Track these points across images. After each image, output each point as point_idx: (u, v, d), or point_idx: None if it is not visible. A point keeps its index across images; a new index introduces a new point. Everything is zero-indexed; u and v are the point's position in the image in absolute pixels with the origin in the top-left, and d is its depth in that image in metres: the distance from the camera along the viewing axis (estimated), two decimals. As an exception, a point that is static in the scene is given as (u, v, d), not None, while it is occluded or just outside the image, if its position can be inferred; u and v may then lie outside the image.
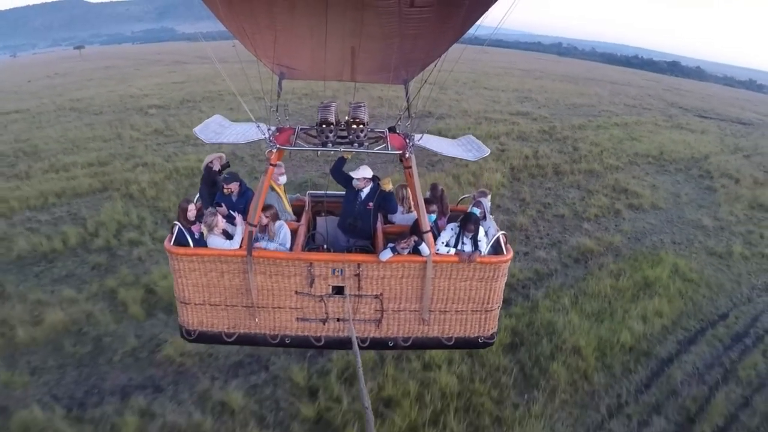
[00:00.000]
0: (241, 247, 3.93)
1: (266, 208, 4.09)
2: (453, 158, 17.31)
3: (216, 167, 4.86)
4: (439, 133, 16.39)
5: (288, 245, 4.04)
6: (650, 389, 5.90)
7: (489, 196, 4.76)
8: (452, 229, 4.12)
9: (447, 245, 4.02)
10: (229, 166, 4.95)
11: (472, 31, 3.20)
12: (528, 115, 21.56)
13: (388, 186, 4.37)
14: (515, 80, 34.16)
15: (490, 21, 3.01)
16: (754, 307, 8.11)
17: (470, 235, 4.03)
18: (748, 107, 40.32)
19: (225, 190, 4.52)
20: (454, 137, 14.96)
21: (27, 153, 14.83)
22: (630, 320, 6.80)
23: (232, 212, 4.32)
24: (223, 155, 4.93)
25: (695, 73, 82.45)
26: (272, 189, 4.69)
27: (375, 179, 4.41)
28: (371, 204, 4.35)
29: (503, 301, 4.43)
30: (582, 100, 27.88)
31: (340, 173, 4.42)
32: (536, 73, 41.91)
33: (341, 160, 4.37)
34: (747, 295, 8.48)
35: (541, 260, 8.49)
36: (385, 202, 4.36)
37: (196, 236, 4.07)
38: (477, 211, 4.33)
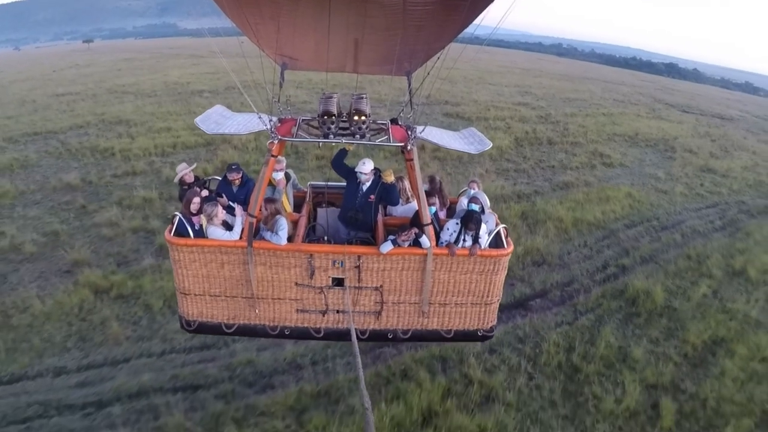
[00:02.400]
0: (241, 238, 4.23)
1: (269, 201, 4.41)
2: (459, 111, 21.94)
3: (189, 180, 5.23)
4: (457, 116, 21.49)
5: (282, 239, 4.25)
6: (603, 241, 10.86)
7: (479, 184, 5.31)
8: (450, 227, 4.48)
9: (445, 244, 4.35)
10: (205, 183, 5.31)
11: (471, 30, 3.48)
12: (528, 105, 26.73)
13: (390, 178, 4.70)
14: (516, 77, 39.57)
15: (489, 21, 3.26)
16: (681, 217, 13.10)
17: (471, 234, 4.35)
18: (734, 106, 45.91)
19: (229, 177, 4.99)
20: (469, 119, 20.54)
21: (113, 122, 19.09)
22: (593, 211, 11.81)
23: (231, 203, 4.66)
24: (191, 166, 5.38)
25: (692, 74, 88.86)
26: (269, 183, 5.00)
27: (376, 171, 4.75)
28: (373, 196, 4.70)
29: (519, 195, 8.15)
30: (576, 95, 33.22)
31: (341, 165, 4.76)
32: (536, 71, 47.49)
33: (343, 152, 4.68)
34: (678, 211, 13.47)
35: (538, 186, 13.53)
36: (387, 194, 4.73)
37: (196, 227, 4.33)
38: (476, 207, 4.61)
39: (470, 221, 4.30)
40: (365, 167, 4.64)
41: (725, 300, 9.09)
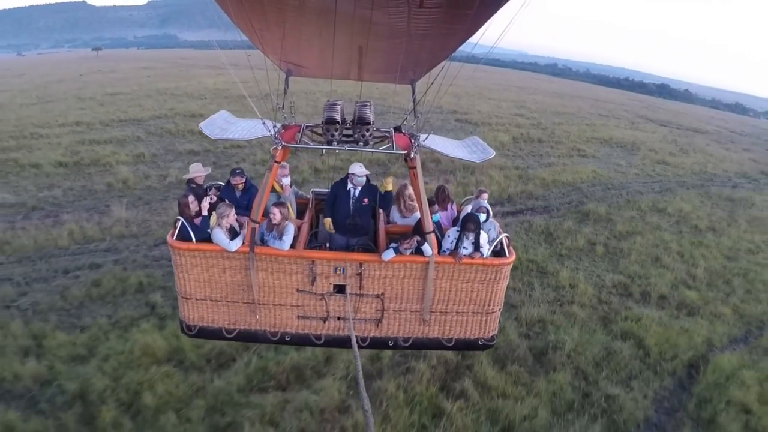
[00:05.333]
0: (243, 243, 4.76)
1: (279, 205, 4.94)
2: (467, 118, 29.81)
3: (199, 181, 5.98)
4: (466, 122, 29.20)
5: (286, 244, 4.81)
6: (572, 191, 18.29)
7: (486, 195, 6.07)
8: (450, 235, 5.08)
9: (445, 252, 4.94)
10: (219, 188, 5.99)
11: (468, 49, 4.02)
12: (523, 116, 34.80)
13: (388, 186, 5.52)
14: (513, 94, 48.19)
15: (487, 40, 3.74)
16: (630, 185, 20.70)
17: (471, 236, 4.91)
18: (714, 123, 54.47)
19: (233, 182, 5.75)
20: (476, 124, 29.51)
21: (187, 116, 25.35)
22: (566, 177, 19.40)
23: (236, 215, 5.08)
24: (205, 169, 6.16)
25: (683, 95, 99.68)
26: (273, 189, 5.66)
27: (366, 176, 5.46)
28: (366, 200, 5.47)
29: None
30: (565, 110, 41.60)
31: (327, 203, 5.60)
32: (531, 90, 56.53)
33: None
34: (629, 182, 21.12)
35: (529, 164, 21.23)
36: (382, 200, 5.59)
37: (199, 226, 4.99)
38: (482, 217, 5.41)
39: (468, 221, 4.89)
40: (360, 169, 5.37)
41: (646, 219, 16.48)
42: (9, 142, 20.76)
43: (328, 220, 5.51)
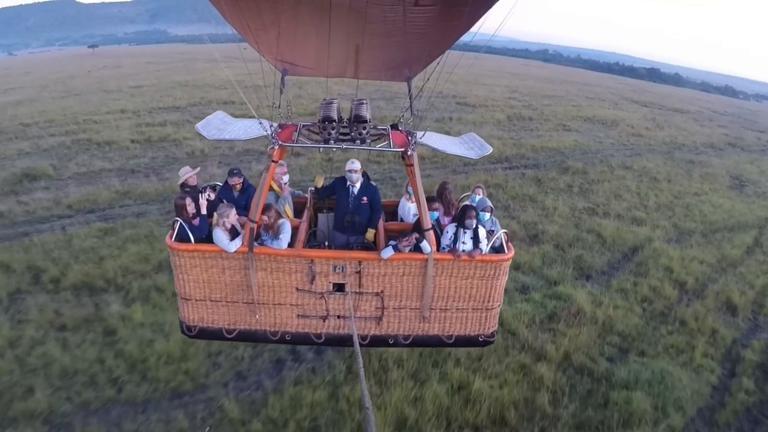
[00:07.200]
0: (242, 244, 5.05)
1: (266, 208, 5.16)
2: (466, 101, 35.52)
3: (192, 183, 6.28)
4: (465, 104, 34.76)
5: (283, 243, 5.11)
6: (556, 154, 23.95)
7: (481, 190, 6.52)
8: (449, 231, 5.36)
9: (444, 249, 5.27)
10: (214, 188, 6.27)
11: (468, 38, 4.20)
12: (515, 99, 40.48)
13: (320, 183, 5.96)
14: (506, 80, 54.05)
15: (486, 29, 3.96)
16: (606, 150, 26.39)
17: (472, 225, 5.21)
18: (698, 104, 59.93)
19: (230, 182, 6.06)
20: (474, 105, 35.87)
21: (220, 103, 30.65)
22: (553, 144, 25.04)
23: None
24: (195, 170, 6.42)
25: (673, 79, 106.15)
26: (271, 189, 6.02)
27: (364, 173, 5.75)
28: (365, 198, 5.80)
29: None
30: (554, 93, 47.42)
31: (324, 189, 6.03)
32: (522, 75, 62.53)
33: (320, 190, 6.02)
34: (605, 148, 26.82)
35: (521, 136, 26.87)
36: (376, 195, 5.95)
37: (197, 226, 5.26)
38: (487, 215, 5.76)
39: (468, 209, 5.35)
40: (355, 165, 5.82)
41: (614, 172, 22.11)
42: (71, 126, 25.72)
43: (319, 178, 6.01)
